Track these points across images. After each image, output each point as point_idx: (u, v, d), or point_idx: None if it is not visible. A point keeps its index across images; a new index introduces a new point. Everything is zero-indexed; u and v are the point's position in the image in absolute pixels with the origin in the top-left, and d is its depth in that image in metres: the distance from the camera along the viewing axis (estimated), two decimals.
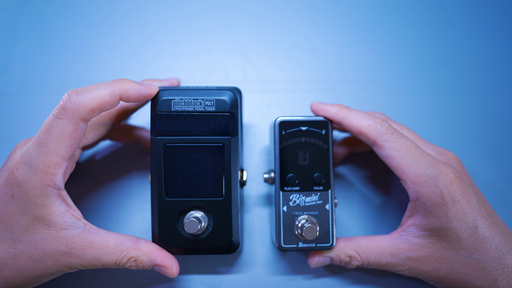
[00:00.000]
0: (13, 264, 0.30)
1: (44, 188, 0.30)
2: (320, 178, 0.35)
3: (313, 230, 0.34)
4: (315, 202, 0.35)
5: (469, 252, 0.32)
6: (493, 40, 0.48)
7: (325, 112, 0.36)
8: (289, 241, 0.35)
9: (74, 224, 0.31)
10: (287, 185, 0.35)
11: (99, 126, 0.35)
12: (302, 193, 0.35)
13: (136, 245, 0.32)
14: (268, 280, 0.40)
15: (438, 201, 0.32)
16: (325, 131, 0.36)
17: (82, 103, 0.30)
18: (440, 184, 0.32)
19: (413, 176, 0.32)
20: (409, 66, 0.47)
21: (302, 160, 0.36)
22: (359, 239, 0.36)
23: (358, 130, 0.34)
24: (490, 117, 0.46)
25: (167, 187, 0.34)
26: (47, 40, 0.47)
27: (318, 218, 0.35)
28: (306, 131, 0.36)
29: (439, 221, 0.32)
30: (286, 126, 0.36)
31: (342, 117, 0.35)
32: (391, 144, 0.33)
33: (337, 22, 0.48)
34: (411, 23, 0.49)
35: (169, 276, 0.33)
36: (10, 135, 0.43)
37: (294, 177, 0.35)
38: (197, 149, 0.33)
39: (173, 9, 0.48)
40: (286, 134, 0.36)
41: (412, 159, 0.32)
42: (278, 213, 0.35)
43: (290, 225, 0.35)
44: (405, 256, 0.33)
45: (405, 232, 0.34)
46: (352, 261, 0.35)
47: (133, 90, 0.32)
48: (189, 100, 0.33)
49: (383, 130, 0.33)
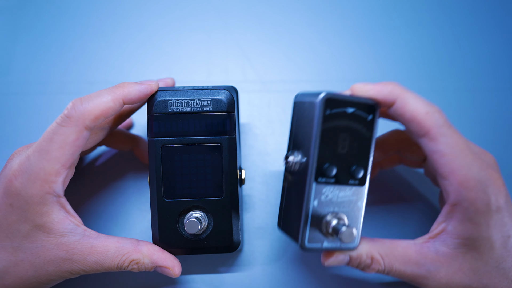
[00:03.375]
0: (15, 272, 0.30)
1: (44, 196, 0.30)
2: (359, 171, 0.31)
3: (351, 234, 0.29)
4: (348, 198, 0.31)
5: (497, 263, 0.30)
6: (493, 40, 0.48)
7: (378, 92, 0.30)
8: (314, 239, 0.31)
9: (73, 230, 0.31)
10: (323, 175, 0.30)
11: (97, 130, 0.34)
12: (337, 187, 0.31)
13: (136, 248, 0.32)
14: (269, 280, 0.40)
15: (483, 209, 0.29)
16: (372, 117, 0.31)
17: (87, 111, 0.30)
18: (489, 190, 0.29)
19: (463, 178, 0.29)
20: (409, 66, 0.47)
21: (341, 147, 0.30)
22: (383, 241, 0.32)
23: (413, 115, 0.29)
24: (490, 117, 0.45)
25: (166, 188, 0.33)
26: (48, 41, 0.47)
27: (348, 215, 0.31)
28: (352, 114, 0.30)
29: (477, 230, 0.29)
30: (332, 104, 0.30)
31: (397, 96, 0.30)
32: (447, 139, 0.29)
33: (337, 22, 0.48)
34: (411, 23, 0.49)
35: (171, 277, 0.33)
36: (11, 136, 0.43)
37: (331, 167, 0.30)
38: (195, 149, 0.33)
39: (173, 9, 0.48)
40: (330, 114, 0.30)
41: (465, 159, 0.29)
42: (306, 208, 0.30)
43: (317, 222, 0.31)
44: (434, 269, 0.30)
45: (434, 240, 0.31)
46: (373, 264, 0.31)
47: (135, 91, 0.32)
48: (185, 100, 0.33)
49: (441, 121, 0.29)
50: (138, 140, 0.41)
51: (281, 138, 0.44)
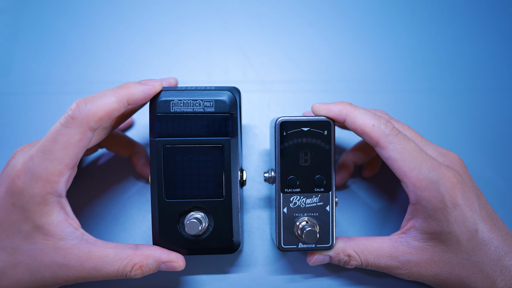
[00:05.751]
0: (12, 274, 0.30)
1: (45, 196, 0.30)
2: (321, 180, 0.35)
3: (314, 234, 0.33)
4: (316, 203, 0.35)
5: (468, 255, 0.32)
6: (493, 40, 0.48)
7: (328, 112, 0.34)
8: (289, 241, 0.35)
9: (71, 234, 0.31)
10: (288, 187, 0.35)
11: (99, 130, 0.34)
12: (303, 195, 0.35)
13: (137, 251, 0.32)
14: (269, 280, 0.40)
15: (439, 206, 0.31)
16: (327, 131, 0.35)
17: (91, 112, 0.30)
18: (441, 188, 0.31)
19: (415, 179, 0.32)
20: (409, 66, 0.47)
21: (303, 161, 0.35)
22: (359, 239, 0.35)
23: (362, 129, 0.33)
24: (490, 117, 0.46)
25: (167, 188, 0.34)
26: (48, 41, 0.47)
27: (318, 219, 0.35)
28: (308, 132, 0.35)
29: (439, 225, 0.32)
30: (287, 126, 0.35)
31: (346, 114, 0.34)
32: (394, 146, 0.32)
33: (337, 22, 0.48)
34: (411, 23, 0.49)
35: (177, 270, 0.33)
36: (11, 136, 0.43)
37: (295, 179, 0.35)
38: (197, 150, 0.33)
39: (173, 9, 0.48)
40: (287, 134, 0.35)
41: (414, 162, 0.32)
42: (278, 215, 0.35)
43: (290, 226, 0.35)
44: (405, 259, 0.33)
45: (405, 234, 0.34)
46: (351, 260, 0.35)
47: (139, 92, 0.32)
48: (188, 101, 0.33)
49: (387, 131, 0.33)
50: (138, 148, 0.41)
51: None
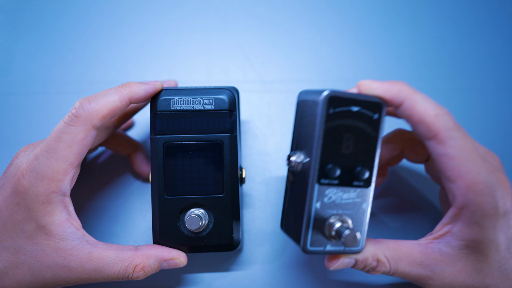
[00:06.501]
0: (14, 275, 0.30)
1: (49, 194, 0.30)
2: (363, 172, 0.30)
3: (354, 238, 0.28)
4: (353, 200, 0.30)
5: (500, 264, 0.30)
6: (493, 40, 0.48)
7: (385, 91, 0.30)
8: (316, 243, 0.30)
9: (72, 234, 0.31)
10: (326, 177, 0.29)
11: (102, 130, 0.35)
12: (341, 188, 0.30)
13: (137, 252, 0.32)
14: (269, 278, 0.40)
15: (490, 212, 0.29)
16: (378, 115, 0.29)
17: (95, 111, 0.30)
18: (497, 194, 0.29)
19: (471, 182, 0.28)
20: (409, 66, 0.47)
21: (346, 147, 0.29)
22: (387, 242, 0.32)
23: (421, 118, 0.29)
24: (490, 117, 0.46)
25: (168, 185, 0.34)
26: (48, 41, 0.47)
27: (352, 218, 0.30)
28: (357, 113, 0.29)
29: (482, 233, 0.29)
30: (335, 103, 0.29)
31: (405, 97, 0.29)
32: (455, 143, 0.29)
33: (336, 22, 0.49)
34: (411, 23, 0.49)
35: (179, 266, 0.33)
36: (11, 136, 0.43)
37: (335, 168, 0.29)
38: (197, 146, 0.34)
39: (173, 9, 0.48)
40: (333, 113, 0.29)
41: (474, 163, 0.29)
42: (308, 210, 0.29)
43: (320, 225, 0.30)
44: (439, 269, 0.30)
45: (438, 240, 0.31)
46: (379, 266, 0.31)
47: (141, 91, 0.32)
48: (188, 99, 0.34)
49: (451, 124, 0.29)
50: (138, 147, 0.41)
51: (281, 138, 0.44)
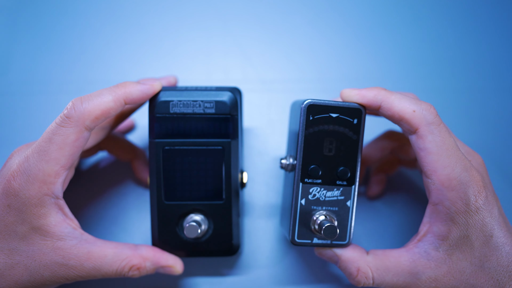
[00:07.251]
0: (10, 275, 0.30)
1: (42, 197, 0.29)
2: (345, 172, 0.32)
3: (333, 229, 0.31)
4: (336, 197, 0.33)
5: (480, 262, 0.30)
6: (493, 40, 0.48)
7: (362, 98, 0.31)
8: (304, 236, 0.33)
9: (70, 234, 0.30)
10: (309, 176, 0.32)
11: (98, 130, 0.34)
12: (324, 187, 0.32)
13: (136, 252, 0.32)
14: (269, 282, 0.40)
15: (462, 208, 0.29)
16: (357, 120, 0.32)
17: (87, 111, 0.29)
18: (469, 191, 0.29)
19: (445, 178, 0.29)
20: (409, 66, 0.47)
21: (328, 150, 0.32)
22: (375, 252, 0.32)
23: (400, 115, 0.30)
24: (490, 117, 0.46)
25: (167, 190, 0.33)
26: (47, 40, 0.47)
27: (337, 214, 0.33)
28: (336, 119, 0.32)
29: (459, 229, 0.30)
30: (314, 110, 0.31)
31: (381, 100, 0.31)
32: (434, 138, 0.29)
33: (336, 22, 0.48)
34: (411, 23, 0.49)
35: (175, 274, 0.33)
36: (11, 136, 0.43)
37: (317, 168, 0.32)
38: (197, 152, 0.33)
39: (173, 9, 0.48)
40: (313, 119, 0.32)
41: (450, 159, 0.29)
42: (294, 206, 0.32)
43: (306, 220, 0.32)
44: (426, 276, 0.30)
45: (422, 242, 0.31)
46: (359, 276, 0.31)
47: (137, 92, 0.31)
48: (188, 102, 0.32)
49: (431, 118, 0.30)
50: (139, 153, 0.41)
51: (281, 138, 0.44)
